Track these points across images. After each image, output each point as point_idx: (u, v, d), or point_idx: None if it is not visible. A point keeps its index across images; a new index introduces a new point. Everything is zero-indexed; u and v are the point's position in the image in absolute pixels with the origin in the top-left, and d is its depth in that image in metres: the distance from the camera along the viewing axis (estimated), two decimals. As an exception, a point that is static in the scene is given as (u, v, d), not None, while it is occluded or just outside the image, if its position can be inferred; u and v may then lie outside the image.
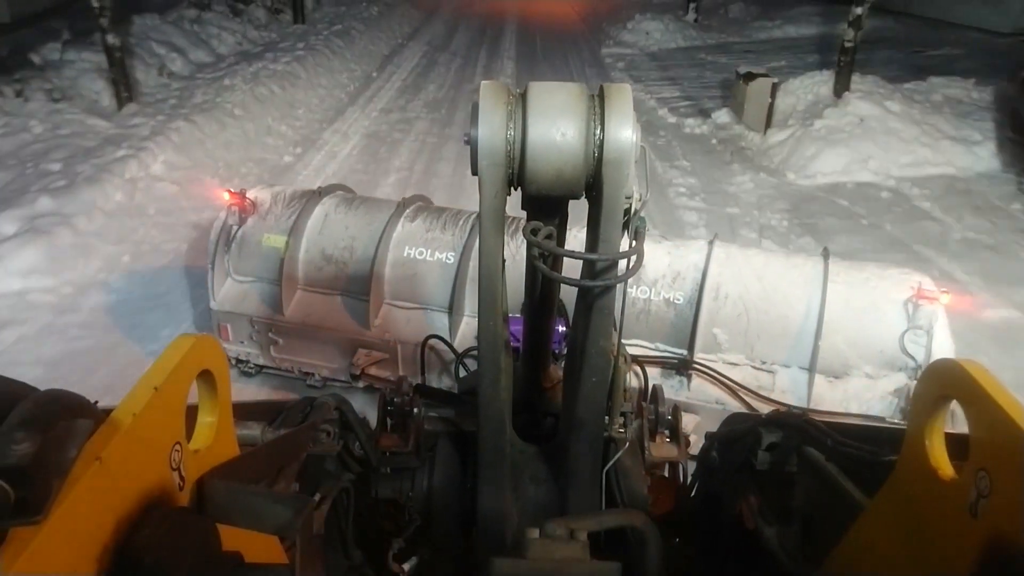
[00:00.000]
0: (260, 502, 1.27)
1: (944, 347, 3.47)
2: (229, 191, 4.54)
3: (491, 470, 1.84)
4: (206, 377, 1.36)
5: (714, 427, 2.53)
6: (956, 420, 1.33)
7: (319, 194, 4.57)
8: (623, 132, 1.29)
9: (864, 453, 1.55)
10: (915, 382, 3.44)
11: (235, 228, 4.51)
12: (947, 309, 3.52)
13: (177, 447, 1.22)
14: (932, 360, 3.31)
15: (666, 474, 2.38)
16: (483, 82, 1.36)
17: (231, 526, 1.26)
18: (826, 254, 3.89)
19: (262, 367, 4.63)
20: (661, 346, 3.86)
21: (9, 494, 0.85)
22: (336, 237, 4.38)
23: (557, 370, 2.33)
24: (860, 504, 1.49)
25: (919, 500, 1.29)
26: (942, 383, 1.26)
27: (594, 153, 1.31)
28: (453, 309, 4.13)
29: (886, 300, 3.62)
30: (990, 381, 1.16)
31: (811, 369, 3.63)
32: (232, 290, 4.53)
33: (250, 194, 4.56)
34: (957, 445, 1.23)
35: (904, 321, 3.55)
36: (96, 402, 1.10)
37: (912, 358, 3.50)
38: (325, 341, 4.37)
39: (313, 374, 4.47)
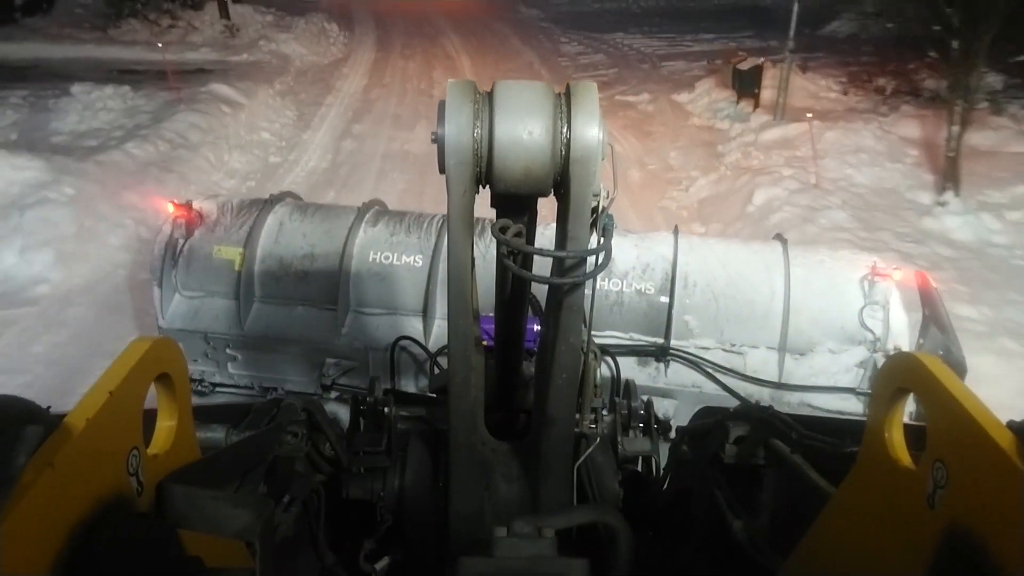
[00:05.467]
0: (220, 506, 1.26)
1: (899, 319, 3.73)
2: (173, 202, 4.32)
3: (463, 469, 1.85)
4: (164, 380, 1.35)
5: (692, 411, 2.63)
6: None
7: (270, 202, 4.42)
8: (589, 131, 1.32)
9: (828, 445, 1.62)
10: (875, 354, 3.69)
11: (181, 242, 4.29)
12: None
13: (134, 452, 1.21)
14: (890, 332, 3.56)
15: (639, 468, 2.44)
16: (450, 80, 1.37)
17: (191, 531, 1.25)
18: (783, 240, 4.11)
19: (216, 385, 4.42)
20: (635, 336, 3.96)
21: None
22: (294, 246, 4.24)
23: (530, 367, 2.36)
24: (825, 495, 1.53)
25: (880, 491, 1.33)
26: (899, 376, 1.29)
27: (561, 151, 1.33)
28: (427, 312, 4.08)
29: (843, 280, 3.87)
30: (946, 374, 1.19)
31: (781, 348, 3.82)
32: (182, 306, 4.31)
33: (195, 205, 4.35)
34: (917, 436, 1.27)
35: (861, 298, 3.79)
36: (48, 407, 1.09)
37: (871, 331, 3.74)
38: (289, 353, 4.22)
39: (276, 388, 4.30)
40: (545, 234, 2.59)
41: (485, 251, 3.74)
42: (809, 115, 8.87)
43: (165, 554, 1.17)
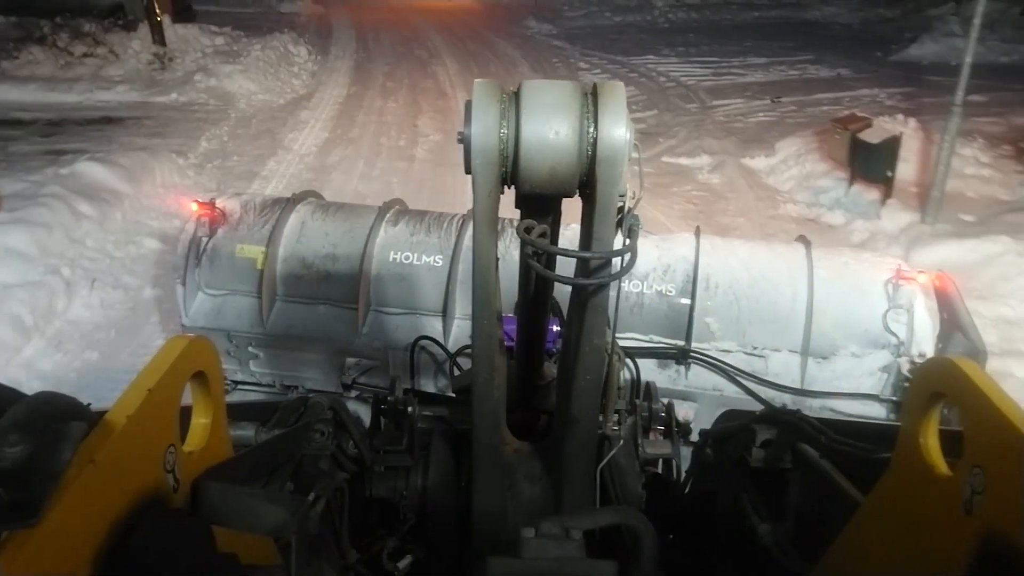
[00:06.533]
0: (255, 503, 1.29)
1: (924, 324, 3.68)
2: (197, 201, 4.36)
3: (485, 468, 1.86)
4: (200, 378, 1.37)
5: (713, 414, 2.61)
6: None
7: (293, 201, 4.45)
8: (616, 130, 1.31)
9: (858, 450, 1.60)
10: (899, 358, 3.64)
11: (205, 240, 4.34)
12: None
13: (171, 449, 1.23)
14: (914, 336, 3.52)
15: (659, 470, 2.43)
16: (476, 80, 1.37)
17: (226, 528, 1.27)
18: (806, 242, 4.07)
19: (238, 383, 4.46)
20: (656, 338, 3.94)
21: (2, 497, 0.87)
22: (316, 245, 4.27)
23: (551, 368, 2.36)
24: (855, 501, 1.51)
25: (913, 497, 1.31)
26: (935, 381, 1.28)
27: (587, 151, 1.33)
28: (446, 312, 4.09)
29: (867, 282, 3.82)
30: (983, 378, 1.17)
31: (803, 352, 3.78)
32: (205, 304, 4.35)
33: (218, 203, 4.39)
34: (951, 442, 1.25)
35: (885, 301, 3.74)
36: (89, 404, 1.11)
37: (895, 335, 3.69)
38: (310, 352, 4.25)
39: (297, 387, 4.33)
40: (566, 235, 2.60)
41: (505, 251, 3.74)
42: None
43: (202, 550, 1.19)
